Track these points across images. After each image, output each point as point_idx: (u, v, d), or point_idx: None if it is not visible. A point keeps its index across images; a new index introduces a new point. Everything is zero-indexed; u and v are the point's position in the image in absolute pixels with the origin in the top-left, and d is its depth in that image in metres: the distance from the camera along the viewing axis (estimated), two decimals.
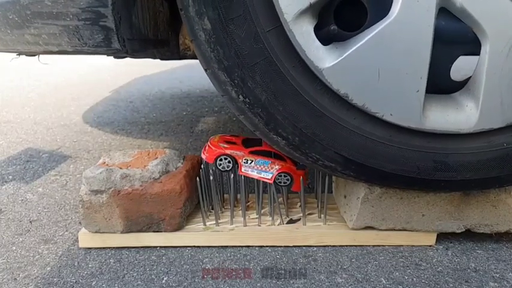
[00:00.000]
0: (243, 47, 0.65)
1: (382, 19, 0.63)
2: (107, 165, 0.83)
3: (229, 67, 0.67)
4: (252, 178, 0.83)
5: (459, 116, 0.69)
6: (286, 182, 0.82)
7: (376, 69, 0.65)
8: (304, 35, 0.64)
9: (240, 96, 0.69)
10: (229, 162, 0.81)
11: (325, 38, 0.67)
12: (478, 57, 0.66)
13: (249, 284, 0.71)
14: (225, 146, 0.82)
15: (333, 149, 0.71)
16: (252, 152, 0.82)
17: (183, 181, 0.81)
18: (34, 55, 1.06)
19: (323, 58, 0.66)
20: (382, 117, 0.68)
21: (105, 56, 1.41)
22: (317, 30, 0.66)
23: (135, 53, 0.90)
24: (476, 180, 0.72)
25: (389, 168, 0.72)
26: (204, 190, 0.84)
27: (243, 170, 0.81)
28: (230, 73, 0.67)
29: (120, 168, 0.81)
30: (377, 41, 0.64)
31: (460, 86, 0.72)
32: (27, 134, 1.68)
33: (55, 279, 0.73)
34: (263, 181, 0.83)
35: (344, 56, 0.65)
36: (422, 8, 0.61)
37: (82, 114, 2.02)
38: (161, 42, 0.68)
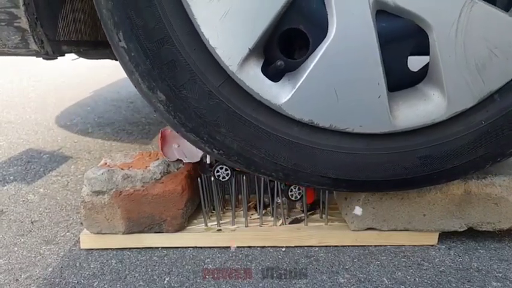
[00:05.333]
0: (201, 107, 0.67)
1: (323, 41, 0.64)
2: (109, 166, 0.83)
3: (194, 128, 0.69)
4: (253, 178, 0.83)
5: (428, 106, 0.68)
6: (297, 197, 0.82)
7: (332, 89, 0.65)
8: (253, 79, 0.66)
9: (214, 150, 0.71)
10: (226, 170, 0.81)
11: (275, 73, 0.68)
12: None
13: (250, 284, 0.71)
14: None
15: (318, 174, 0.72)
16: None
17: (185, 181, 0.81)
18: None
19: (278, 94, 0.67)
20: (353, 131, 0.68)
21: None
22: (267, 66, 0.67)
23: (68, 54, 0.90)
24: (466, 163, 0.71)
25: (378, 176, 0.72)
26: (206, 190, 0.84)
27: None
28: (197, 133, 0.69)
29: (122, 169, 0.80)
30: (324, 63, 0.64)
31: (421, 75, 0.71)
32: (28, 134, 1.68)
33: (57, 280, 0.73)
34: (264, 180, 0.83)
35: (297, 87, 0.66)
36: (357, 18, 0.62)
37: (83, 114, 2.02)
38: (103, 44, 0.67)
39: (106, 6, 0.63)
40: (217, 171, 0.80)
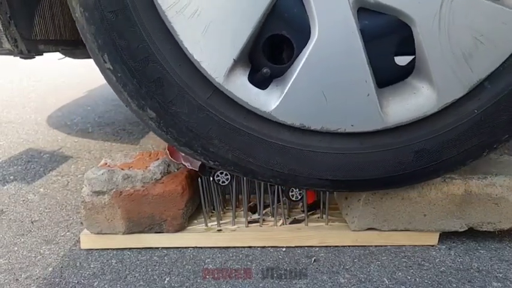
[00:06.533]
0: (192, 121, 0.68)
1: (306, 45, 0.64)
2: (109, 166, 0.83)
3: (187, 142, 0.70)
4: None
5: (419, 100, 0.68)
6: (298, 198, 0.82)
7: (320, 92, 0.65)
8: (241, 88, 0.66)
9: (210, 162, 0.72)
10: (226, 175, 0.81)
11: (262, 80, 0.68)
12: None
13: (251, 284, 0.71)
14: None
15: (316, 177, 0.72)
16: None
17: (185, 182, 0.81)
18: None
19: (266, 101, 0.67)
20: (345, 131, 0.68)
21: None
22: (254, 73, 0.68)
23: (47, 53, 0.90)
24: (462, 153, 0.71)
25: (377, 174, 0.72)
26: (206, 191, 0.84)
27: None
28: (191, 146, 0.70)
29: (122, 169, 0.80)
30: (309, 67, 0.64)
31: (409, 69, 0.70)
32: (28, 134, 1.68)
33: (57, 280, 0.73)
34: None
35: (285, 92, 0.66)
36: (339, 18, 0.62)
37: (83, 114, 2.02)
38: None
39: (89, 31, 0.64)
40: (217, 176, 0.81)
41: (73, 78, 3.14)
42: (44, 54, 0.96)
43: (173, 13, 0.61)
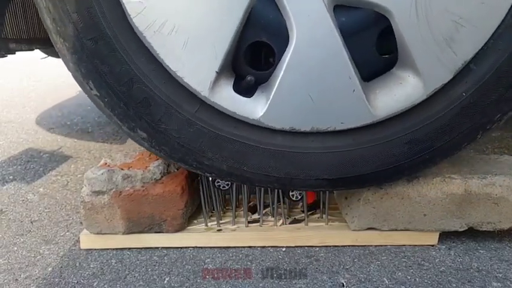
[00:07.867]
0: (182, 136, 0.69)
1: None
2: (109, 166, 0.83)
3: (181, 157, 0.71)
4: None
5: (406, 89, 0.67)
6: (298, 197, 0.82)
7: (305, 93, 0.66)
8: (227, 99, 0.67)
9: (206, 174, 0.73)
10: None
11: (248, 88, 0.69)
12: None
13: (250, 284, 0.71)
14: None
15: (313, 178, 0.72)
16: None
17: (185, 182, 0.81)
18: None
19: (254, 109, 0.68)
20: (335, 129, 0.68)
21: None
22: (239, 82, 0.68)
23: (15, 51, 0.91)
24: (457, 138, 0.70)
25: (372, 168, 0.72)
26: (206, 191, 0.84)
27: None
28: (185, 161, 0.71)
29: (122, 169, 0.80)
30: (291, 70, 0.65)
31: (393, 60, 0.69)
32: (28, 134, 1.68)
33: (56, 280, 0.73)
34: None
35: (271, 98, 0.66)
36: (315, 18, 0.62)
37: (83, 114, 2.02)
38: None
39: (72, 60, 0.66)
40: (218, 182, 0.81)
41: (73, 78, 3.14)
42: (16, 52, 0.96)
43: (151, 33, 0.62)
